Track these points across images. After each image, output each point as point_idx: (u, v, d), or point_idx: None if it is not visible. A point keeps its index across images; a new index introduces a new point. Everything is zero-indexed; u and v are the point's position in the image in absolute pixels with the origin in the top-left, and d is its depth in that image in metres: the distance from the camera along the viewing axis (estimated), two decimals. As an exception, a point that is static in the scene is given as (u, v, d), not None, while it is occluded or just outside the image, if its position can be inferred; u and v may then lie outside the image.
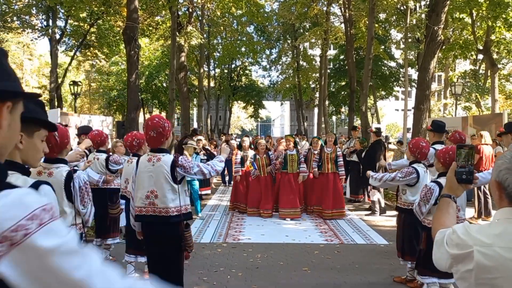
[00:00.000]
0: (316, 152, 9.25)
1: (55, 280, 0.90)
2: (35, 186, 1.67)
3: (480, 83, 23.10)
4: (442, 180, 3.72)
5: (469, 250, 1.32)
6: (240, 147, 9.73)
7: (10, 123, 1.01)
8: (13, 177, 1.60)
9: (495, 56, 20.25)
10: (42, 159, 2.70)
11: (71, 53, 23.35)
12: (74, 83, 17.33)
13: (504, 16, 16.76)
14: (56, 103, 18.87)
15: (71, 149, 3.68)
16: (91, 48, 25.16)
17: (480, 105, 22.83)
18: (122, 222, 6.57)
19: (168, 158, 3.53)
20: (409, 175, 4.79)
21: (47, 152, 1.97)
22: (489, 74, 21.11)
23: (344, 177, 9.31)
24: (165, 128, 3.52)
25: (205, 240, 7.15)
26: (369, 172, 5.43)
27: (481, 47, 19.62)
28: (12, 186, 0.97)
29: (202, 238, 7.27)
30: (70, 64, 23.26)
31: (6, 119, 0.99)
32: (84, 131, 6.14)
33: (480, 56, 22.74)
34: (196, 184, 8.96)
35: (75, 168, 3.28)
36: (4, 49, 1.06)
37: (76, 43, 23.03)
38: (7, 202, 0.91)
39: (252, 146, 9.87)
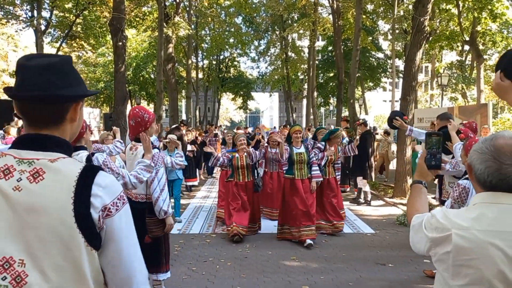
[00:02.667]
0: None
1: (119, 247, 1.28)
2: None
3: (466, 73, 23.36)
4: None
5: (447, 233, 1.38)
6: (224, 142, 7.88)
7: (79, 117, 1.36)
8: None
9: (481, 47, 20.46)
10: None
11: (57, 45, 23.01)
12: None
13: (489, 7, 16.94)
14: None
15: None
16: (77, 39, 24.83)
17: (466, 95, 23.11)
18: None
19: (142, 148, 3.76)
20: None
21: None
22: (475, 65, 21.34)
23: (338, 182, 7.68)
24: (144, 119, 3.74)
25: (194, 231, 7.19)
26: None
27: (467, 38, 19.81)
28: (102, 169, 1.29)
29: (191, 229, 7.30)
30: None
31: (78, 114, 1.34)
32: None
33: (467, 47, 22.96)
34: (182, 179, 8.30)
35: (93, 151, 3.56)
36: (70, 56, 1.39)
37: (62, 34, 22.70)
38: (109, 182, 1.26)
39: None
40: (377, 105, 51.88)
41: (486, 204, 1.39)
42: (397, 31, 18.20)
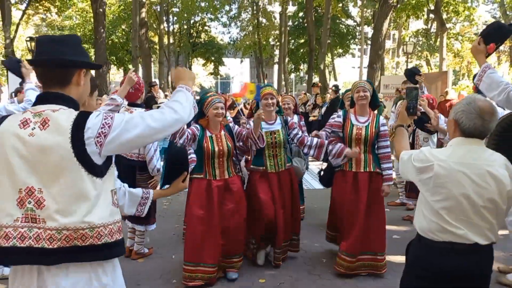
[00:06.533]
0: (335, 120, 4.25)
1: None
2: None
3: (431, 41, 24.28)
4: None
5: (431, 163, 2.00)
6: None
7: (84, 83, 1.73)
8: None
9: (444, 16, 21.29)
10: None
11: (22, 7, 22.26)
12: (31, 39, 16.78)
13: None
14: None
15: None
16: (43, 1, 24.02)
17: (430, 63, 24.12)
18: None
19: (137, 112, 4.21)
20: None
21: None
22: (439, 33, 22.24)
23: (392, 181, 4.13)
24: (141, 84, 4.33)
25: (179, 189, 7.70)
26: None
27: (432, 7, 20.57)
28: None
29: (176, 187, 7.80)
30: (22, 18, 22.22)
31: (83, 79, 1.71)
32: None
33: (432, 16, 23.76)
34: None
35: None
36: (79, 36, 1.83)
37: (27, -5, 21.95)
38: (94, 122, 1.59)
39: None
40: (345, 71, 52.72)
41: (459, 145, 2.02)
42: (366, -1, 18.71)
